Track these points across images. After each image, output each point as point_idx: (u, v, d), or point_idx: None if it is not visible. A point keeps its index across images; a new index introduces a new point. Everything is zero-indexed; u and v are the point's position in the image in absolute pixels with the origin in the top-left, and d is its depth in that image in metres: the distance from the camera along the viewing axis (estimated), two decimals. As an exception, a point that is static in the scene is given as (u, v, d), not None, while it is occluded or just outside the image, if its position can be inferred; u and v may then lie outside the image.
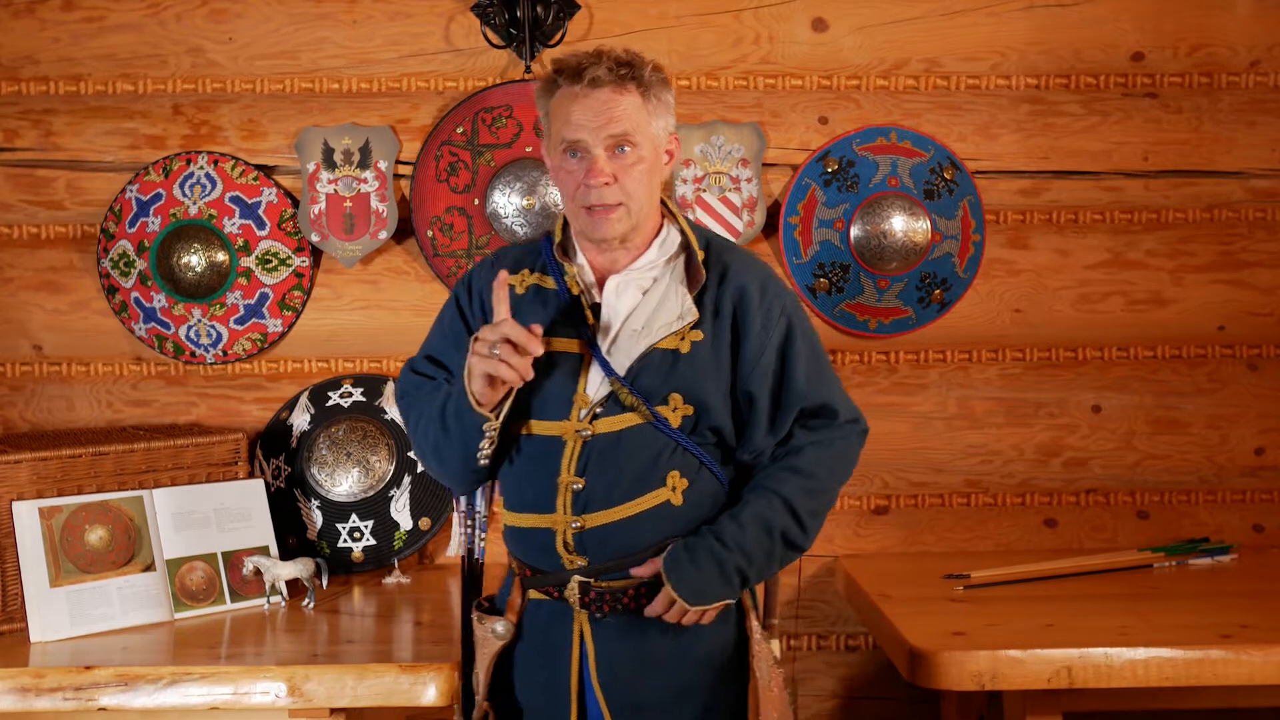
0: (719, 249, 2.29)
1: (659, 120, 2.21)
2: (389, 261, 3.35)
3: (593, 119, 2.15)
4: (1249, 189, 3.37)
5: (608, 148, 2.16)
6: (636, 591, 2.20)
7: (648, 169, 2.19)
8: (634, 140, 2.16)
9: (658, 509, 2.19)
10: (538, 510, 2.22)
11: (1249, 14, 3.34)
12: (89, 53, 3.29)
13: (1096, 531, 3.41)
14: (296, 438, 3.29)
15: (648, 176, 2.20)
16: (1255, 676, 2.56)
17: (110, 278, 3.29)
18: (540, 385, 2.22)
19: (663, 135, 2.22)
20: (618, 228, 2.19)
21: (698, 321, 2.21)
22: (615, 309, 2.23)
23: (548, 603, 2.26)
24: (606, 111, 2.15)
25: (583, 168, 2.17)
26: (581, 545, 2.20)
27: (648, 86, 2.18)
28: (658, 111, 2.20)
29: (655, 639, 2.21)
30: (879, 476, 3.39)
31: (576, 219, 2.23)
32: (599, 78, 2.14)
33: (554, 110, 2.19)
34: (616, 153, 2.16)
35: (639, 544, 2.19)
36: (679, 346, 2.19)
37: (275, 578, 2.96)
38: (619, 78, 2.15)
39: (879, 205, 3.30)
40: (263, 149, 3.32)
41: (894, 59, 3.33)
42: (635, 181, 2.18)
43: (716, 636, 2.25)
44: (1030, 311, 3.38)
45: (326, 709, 2.56)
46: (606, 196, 2.16)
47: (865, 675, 3.36)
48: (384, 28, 3.31)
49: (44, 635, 2.73)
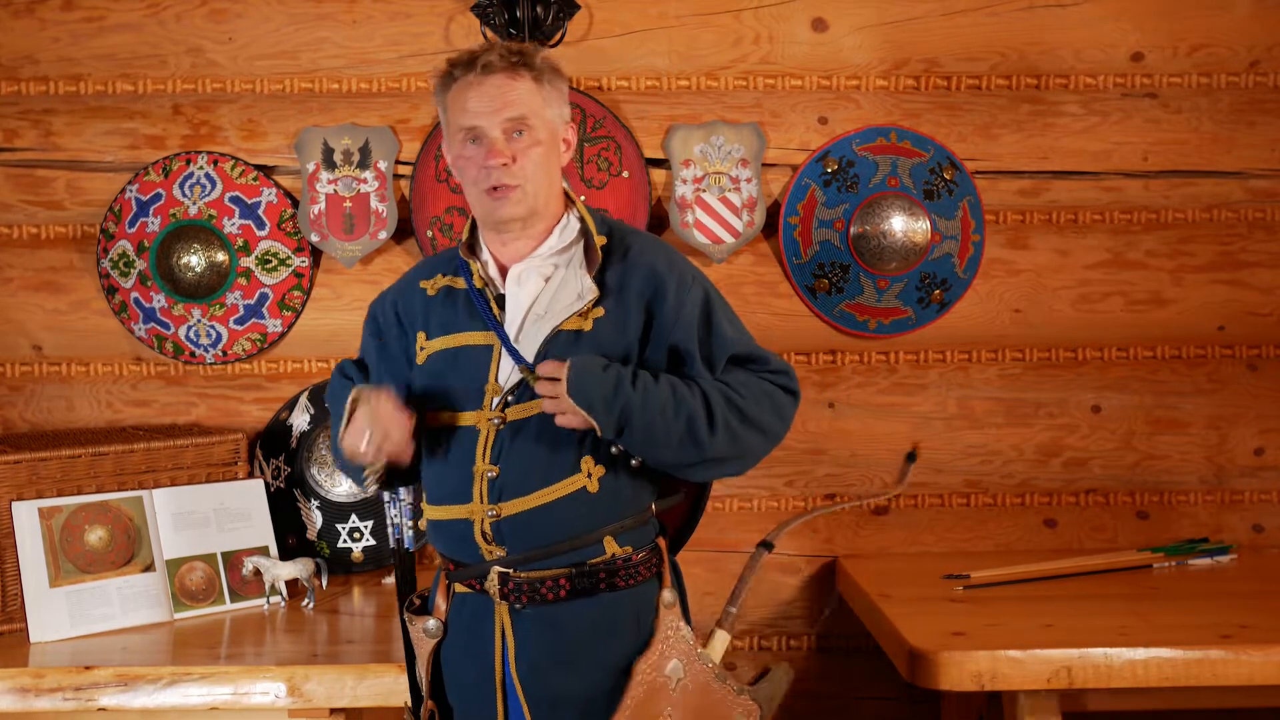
0: (622, 233, 2.33)
1: (553, 108, 2.24)
2: (389, 262, 3.35)
3: (489, 104, 2.19)
4: (1249, 189, 3.37)
5: (505, 130, 2.19)
6: (555, 583, 2.19)
7: (544, 152, 2.22)
8: (529, 123, 2.20)
9: (574, 496, 2.19)
10: (455, 501, 2.24)
11: (1249, 14, 3.34)
12: (89, 53, 3.29)
13: (1096, 532, 3.41)
14: (296, 438, 3.29)
15: (544, 160, 2.23)
16: (1255, 676, 2.56)
17: (110, 278, 3.29)
18: (453, 379, 2.25)
19: (559, 122, 2.26)
20: (517, 209, 2.22)
21: (599, 299, 2.23)
22: (518, 298, 2.26)
23: (471, 596, 2.26)
24: (501, 96, 2.19)
25: (481, 151, 2.21)
26: (500, 535, 2.19)
27: (540, 73, 2.22)
28: (552, 99, 2.24)
29: (572, 635, 2.20)
30: (879, 476, 3.39)
31: (479, 204, 2.26)
32: (491, 63, 2.19)
33: (451, 102, 2.24)
34: (514, 136, 2.20)
35: (557, 533, 2.19)
36: (581, 326, 2.21)
37: (275, 578, 2.96)
38: (511, 64, 2.20)
39: (879, 205, 3.30)
40: (262, 149, 3.32)
41: (894, 59, 3.33)
42: (533, 164, 2.20)
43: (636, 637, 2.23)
44: (1030, 312, 3.38)
45: (326, 709, 2.56)
46: (505, 177, 2.19)
47: (865, 675, 3.36)
48: (384, 28, 3.31)
49: (44, 635, 2.73)
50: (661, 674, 2.21)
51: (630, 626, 2.23)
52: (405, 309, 2.35)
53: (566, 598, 2.19)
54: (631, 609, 2.23)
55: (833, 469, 3.38)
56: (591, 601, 2.20)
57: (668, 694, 2.21)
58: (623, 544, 2.22)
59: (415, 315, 2.33)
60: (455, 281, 2.32)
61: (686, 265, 2.32)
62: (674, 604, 2.27)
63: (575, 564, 2.20)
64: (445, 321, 2.29)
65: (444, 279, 2.34)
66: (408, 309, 2.35)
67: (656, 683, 2.20)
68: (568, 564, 2.20)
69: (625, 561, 2.22)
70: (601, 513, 2.21)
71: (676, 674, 2.23)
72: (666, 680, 2.21)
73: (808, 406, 3.35)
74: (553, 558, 2.19)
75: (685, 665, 2.23)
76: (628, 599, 2.22)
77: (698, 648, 2.26)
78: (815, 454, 3.37)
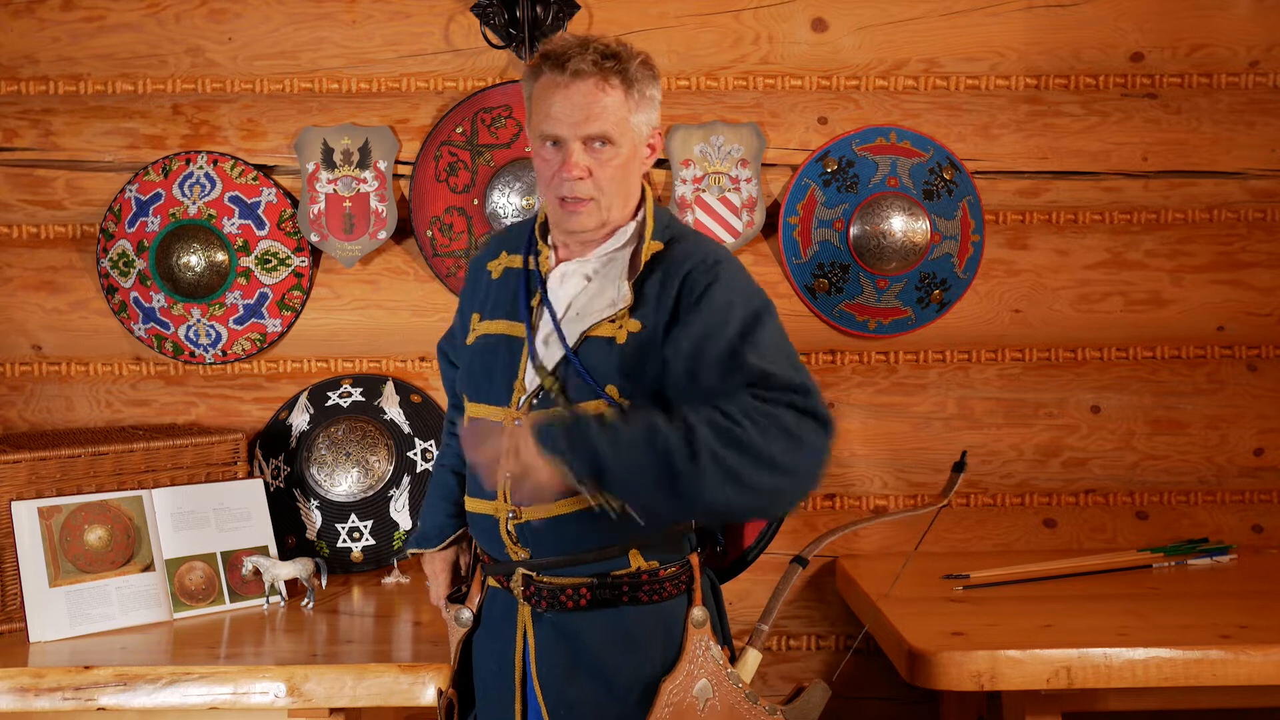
0: (682, 237, 2.20)
1: (641, 114, 2.16)
2: (388, 261, 3.35)
3: (572, 113, 2.11)
4: (1248, 189, 3.37)
5: (585, 142, 2.13)
6: (576, 592, 2.17)
7: (623, 165, 2.15)
8: (612, 138, 2.12)
9: (592, 511, 2.07)
10: (483, 496, 2.22)
11: (1248, 14, 3.34)
12: (88, 52, 3.29)
13: (1096, 532, 3.41)
14: (296, 438, 3.29)
15: (623, 173, 2.15)
16: (1254, 676, 2.56)
17: (109, 277, 3.28)
18: (491, 369, 2.22)
19: (645, 129, 2.17)
20: (588, 221, 2.16)
21: (637, 309, 2.13)
22: (558, 296, 2.21)
23: (500, 592, 2.26)
24: (586, 107, 2.10)
25: (559, 158, 2.14)
26: (524, 536, 2.18)
27: (632, 81, 2.13)
28: (641, 106, 2.15)
29: (589, 645, 2.18)
30: (879, 476, 3.39)
31: (551, 209, 2.21)
32: (582, 70, 2.10)
33: (536, 97, 2.16)
34: (594, 147, 2.12)
35: (580, 543, 2.15)
36: (615, 335, 2.14)
37: (274, 578, 2.96)
38: (603, 70, 2.11)
39: (878, 205, 3.30)
40: (262, 149, 3.32)
41: (893, 59, 3.33)
42: (609, 178, 2.14)
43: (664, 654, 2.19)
44: (1029, 312, 3.38)
45: (326, 709, 2.56)
46: (579, 190, 2.13)
47: (865, 675, 3.36)
48: (383, 28, 3.31)
49: (43, 635, 2.73)
50: (689, 694, 2.18)
51: (654, 642, 2.19)
52: (472, 282, 2.34)
53: (587, 607, 2.17)
54: (656, 624, 2.19)
55: (832, 469, 3.37)
56: (612, 613, 2.17)
57: (695, 714, 2.18)
58: (649, 558, 2.18)
59: (478, 292, 2.31)
60: (514, 261, 2.27)
61: (734, 275, 2.14)
62: (704, 623, 2.21)
63: (598, 574, 2.17)
64: (496, 305, 2.26)
65: (507, 258, 2.29)
66: (474, 283, 2.33)
67: (685, 703, 2.17)
68: (590, 574, 2.17)
69: (651, 576, 2.18)
70: (626, 526, 2.08)
71: (705, 694, 2.19)
72: (694, 701, 2.18)
73: (807, 406, 3.36)
74: (576, 566, 2.17)
75: (714, 685, 2.19)
76: (651, 614, 2.19)
77: (727, 668, 2.21)
78: (815, 454, 3.37)
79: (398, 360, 3.34)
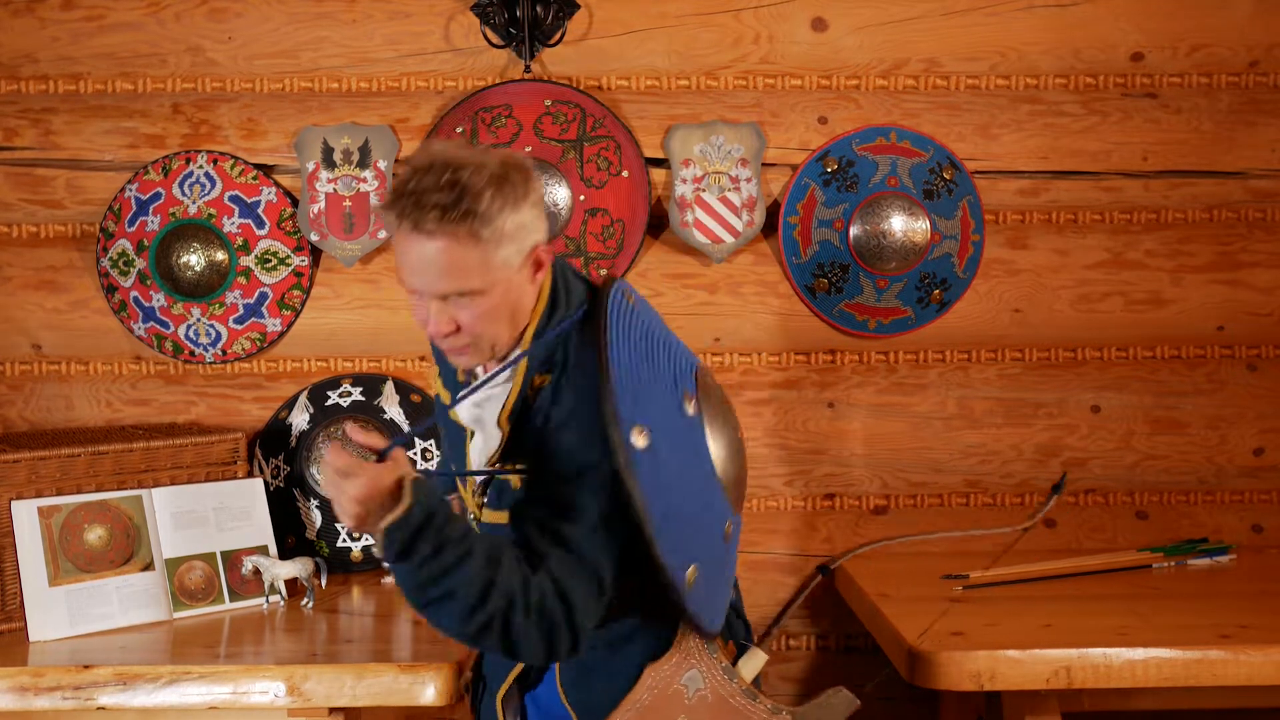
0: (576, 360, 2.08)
1: (507, 248, 1.99)
2: (388, 261, 3.34)
3: (425, 271, 1.98)
4: (1248, 189, 3.37)
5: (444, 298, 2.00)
6: None
7: (493, 307, 2.02)
8: (473, 290, 1.99)
9: None
10: None
11: (1249, 14, 3.34)
12: (88, 52, 3.29)
13: (1095, 532, 3.41)
14: (296, 437, 3.29)
15: (496, 313, 2.03)
16: (1254, 677, 2.56)
17: (109, 277, 3.28)
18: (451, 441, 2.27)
19: (517, 259, 2.01)
20: (472, 361, 2.10)
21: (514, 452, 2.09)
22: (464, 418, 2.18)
23: None
24: (438, 266, 1.96)
25: (425, 309, 2.03)
26: None
27: (487, 221, 1.95)
28: (504, 240, 1.98)
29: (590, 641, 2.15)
30: (879, 476, 3.39)
31: None
32: (430, 230, 1.95)
33: (395, 238, 2.01)
34: (457, 299, 2.00)
35: None
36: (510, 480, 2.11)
37: (274, 577, 2.96)
38: (449, 226, 1.94)
39: (878, 205, 3.30)
40: (262, 148, 3.32)
41: (894, 59, 3.33)
42: (480, 321, 2.02)
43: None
44: (1029, 311, 3.38)
45: (325, 708, 2.56)
46: (447, 344, 2.07)
47: (865, 675, 3.36)
48: (383, 27, 3.31)
49: (43, 634, 2.73)
50: (676, 682, 2.18)
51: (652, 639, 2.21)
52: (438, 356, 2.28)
53: None
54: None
55: (832, 469, 3.38)
56: None
57: (682, 702, 2.18)
58: None
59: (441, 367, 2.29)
60: None
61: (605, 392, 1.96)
62: None
63: None
64: (447, 381, 2.26)
65: None
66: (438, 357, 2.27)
67: (669, 690, 2.18)
68: None
69: None
70: None
71: (694, 684, 2.19)
72: (682, 689, 2.18)
73: (808, 406, 3.36)
74: None
75: (705, 676, 2.19)
76: None
77: (723, 661, 2.21)
78: (815, 454, 3.37)
79: (398, 360, 3.34)
